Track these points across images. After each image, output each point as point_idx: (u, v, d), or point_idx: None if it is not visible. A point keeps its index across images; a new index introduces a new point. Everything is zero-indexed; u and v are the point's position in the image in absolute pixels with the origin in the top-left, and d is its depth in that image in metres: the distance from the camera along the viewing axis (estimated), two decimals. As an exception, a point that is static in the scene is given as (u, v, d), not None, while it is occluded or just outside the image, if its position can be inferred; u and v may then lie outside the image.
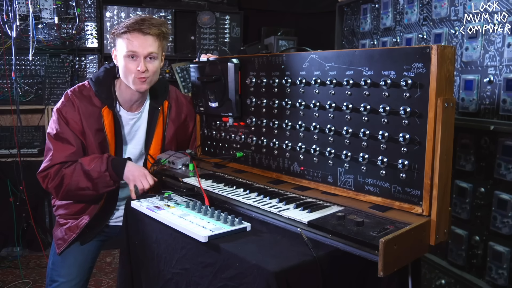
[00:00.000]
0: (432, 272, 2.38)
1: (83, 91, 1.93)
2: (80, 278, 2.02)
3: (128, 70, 1.85)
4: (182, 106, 2.18)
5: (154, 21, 1.86)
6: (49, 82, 3.64)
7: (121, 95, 1.97)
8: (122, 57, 1.85)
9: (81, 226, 1.94)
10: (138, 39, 1.82)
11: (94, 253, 2.09)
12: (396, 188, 1.43)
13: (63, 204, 2.00)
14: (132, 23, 1.83)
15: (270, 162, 1.87)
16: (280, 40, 4.16)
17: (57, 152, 1.86)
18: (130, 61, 1.84)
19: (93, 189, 1.85)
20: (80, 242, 2.00)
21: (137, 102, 2.00)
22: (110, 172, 1.83)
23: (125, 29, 1.82)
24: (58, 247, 1.98)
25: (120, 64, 1.88)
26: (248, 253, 1.31)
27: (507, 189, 1.96)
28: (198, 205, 1.65)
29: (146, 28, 1.82)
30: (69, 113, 1.88)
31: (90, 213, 1.96)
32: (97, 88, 1.92)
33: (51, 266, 2.03)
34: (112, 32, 1.89)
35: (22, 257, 3.68)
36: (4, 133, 3.58)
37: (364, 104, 1.48)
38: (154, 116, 2.05)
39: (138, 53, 1.83)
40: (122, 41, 1.84)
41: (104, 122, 1.89)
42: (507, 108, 1.95)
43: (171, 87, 2.17)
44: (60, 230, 2.00)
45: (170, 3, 4.08)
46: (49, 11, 3.59)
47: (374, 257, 1.20)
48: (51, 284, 2.01)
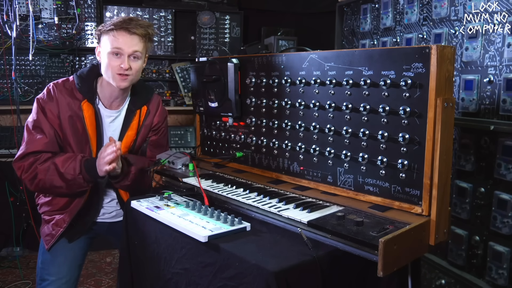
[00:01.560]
0: (432, 272, 2.37)
1: (65, 84, 1.96)
2: (70, 276, 2.02)
3: (111, 66, 1.86)
4: (161, 115, 2.15)
5: (141, 22, 1.89)
6: (49, 82, 3.64)
7: (102, 91, 1.99)
8: (106, 54, 1.87)
9: (68, 221, 1.95)
10: (124, 37, 1.84)
11: (83, 250, 2.10)
12: (396, 188, 1.43)
13: (46, 201, 2.01)
14: (120, 21, 1.86)
15: (270, 162, 1.87)
16: (280, 40, 4.16)
17: (31, 141, 1.88)
18: (113, 58, 1.86)
19: (67, 188, 1.87)
20: (68, 240, 2.01)
21: (117, 100, 2.02)
22: (84, 175, 1.84)
23: (112, 27, 1.85)
24: (47, 243, 1.99)
25: (103, 60, 1.90)
26: (248, 253, 1.31)
27: (507, 189, 1.96)
28: (198, 205, 1.65)
29: (133, 27, 1.85)
30: (48, 104, 1.90)
31: (73, 209, 1.96)
32: (79, 82, 1.95)
33: (40, 265, 2.04)
34: (99, 29, 1.91)
35: (22, 257, 3.68)
36: (4, 133, 3.57)
37: (363, 104, 1.48)
38: (129, 118, 2.05)
39: (123, 50, 1.85)
40: (108, 38, 1.86)
41: (84, 115, 1.91)
42: (507, 108, 1.95)
43: (156, 96, 2.16)
44: (47, 226, 2.01)
45: (170, 3, 4.08)
46: (49, 11, 3.59)
47: (373, 257, 1.20)
48: (41, 283, 2.01)
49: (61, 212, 1.98)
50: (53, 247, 1.99)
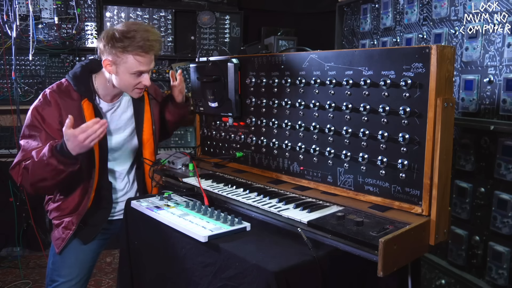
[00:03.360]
0: (432, 272, 2.37)
1: (61, 87, 1.95)
2: (81, 277, 2.02)
3: (132, 84, 1.90)
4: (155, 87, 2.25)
5: (156, 36, 1.89)
6: (49, 82, 3.64)
7: (102, 89, 1.99)
8: (127, 73, 1.87)
9: (76, 223, 1.94)
10: (147, 58, 1.86)
11: (95, 252, 2.08)
12: (396, 188, 1.43)
13: (55, 206, 2.00)
14: (143, 42, 1.82)
15: (270, 162, 1.87)
16: (280, 40, 4.16)
17: (25, 149, 1.85)
18: (136, 77, 1.89)
19: (51, 178, 1.77)
20: (83, 241, 2.00)
21: (114, 94, 2.03)
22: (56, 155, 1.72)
23: (139, 49, 1.82)
24: (57, 247, 1.98)
25: (121, 76, 1.88)
26: (248, 253, 1.31)
27: (507, 189, 1.96)
28: (198, 205, 1.65)
29: (154, 46, 1.86)
30: (46, 110, 1.88)
31: (82, 211, 1.95)
32: (75, 83, 1.94)
33: (51, 266, 2.03)
34: (117, 45, 1.83)
35: (22, 257, 3.68)
36: (4, 133, 3.57)
37: (363, 104, 1.48)
38: (140, 106, 2.09)
39: (145, 71, 1.89)
40: (132, 58, 1.84)
41: (85, 114, 1.90)
42: (507, 108, 1.95)
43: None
44: (57, 230, 2.00)
45: (170, 3, 4.08)
46: (49, 11, 3.59)
47: (373, 257, 1.20)
48: (51, 284, 2.00)
49: (70, 216, 1.97)
50: (65, 250, 1.98)
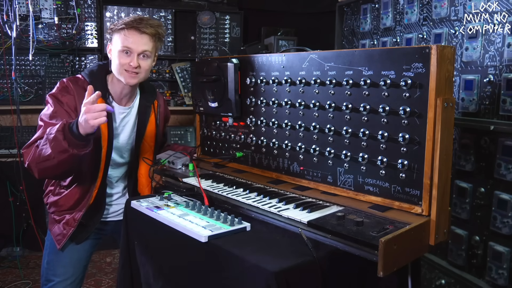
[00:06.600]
0: (432, 272, 2.38)
1: (78, 81, 1.97)
2: (76, 276, 2.03)
3: (121, 64, 1.90)
4: (167, 107, 2.33)
5: (151, 22, 1.93)
6: (49, 82, 3.65)
7: (113, 88, 2.02)
8: (116, 52, 1.91)
9: (78, 219, 1.95)
10: (134, 36, 1.88)
11: (88, 252, 2.10)
12: (396, 188, 1.43)
13: (55, 200, 2.01)
14: (131, 20, 1.89)
15: (270, 162, 1.87)
16: (280, 40, 4.16)
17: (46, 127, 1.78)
18: (123, 56, 1.90)
19: (54, 156, 1.69)
20: (76, 241, 2.01)
21: (126, 97, 2.05)
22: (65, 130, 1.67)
23: (123, 26, 1.88)
24: (58, 242, 1.98)
25: (113, 58, 1.93)
26: (248, 253, 1.31)
27: (507, 189, 1.96)
28: (197, 205, 1.65)
29: (143, 27, 1.88)
30: (65, 97, 1.90)
31: (82, 208, 1.96)
32: (92, 80, 1.96)
33: (46, 266, 2.04)
34: (110, 27, 1.95)
35: (22, 257, 3.68)
36: (4, 133, 3.58)
37: (363, 104, 1.48)
38: (146, 113, 2.12)
39: (132, 49, 1.89)
40: (119, 36, 1.90)
41: None
42: (507, 108, 1.95)
43: (157, 91, 2.31)
44: (57, 226, 2.00)
45: (170, 3, 4.08)
46: (49, 11, 3.59)
47: (373, 257, 1.20)
48: (46, 283, 2.01)
49: (70, 212, 1.98)
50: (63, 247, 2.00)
